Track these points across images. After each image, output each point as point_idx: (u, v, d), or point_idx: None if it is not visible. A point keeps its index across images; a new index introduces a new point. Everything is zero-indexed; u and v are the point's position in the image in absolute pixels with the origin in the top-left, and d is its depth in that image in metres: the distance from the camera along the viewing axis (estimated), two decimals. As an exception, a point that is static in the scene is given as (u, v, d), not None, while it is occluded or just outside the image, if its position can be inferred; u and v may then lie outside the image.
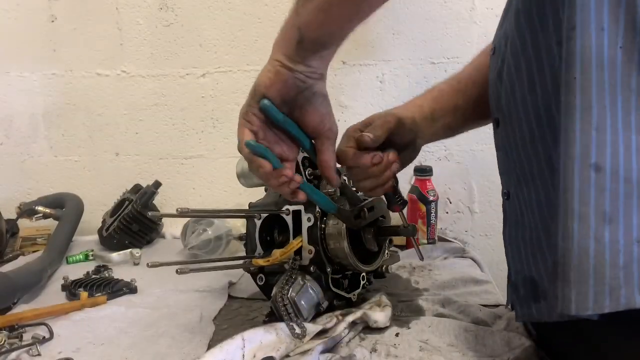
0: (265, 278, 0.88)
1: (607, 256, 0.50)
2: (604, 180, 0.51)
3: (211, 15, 1.40)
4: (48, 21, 1.44)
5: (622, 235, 0.50)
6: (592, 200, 0.51)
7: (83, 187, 1.48)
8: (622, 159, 0.51)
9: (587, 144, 0.51)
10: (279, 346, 0.72)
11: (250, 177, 0.91)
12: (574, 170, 0.52)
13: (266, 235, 0.90)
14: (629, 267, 0.50)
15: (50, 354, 0.77)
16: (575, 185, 0.52)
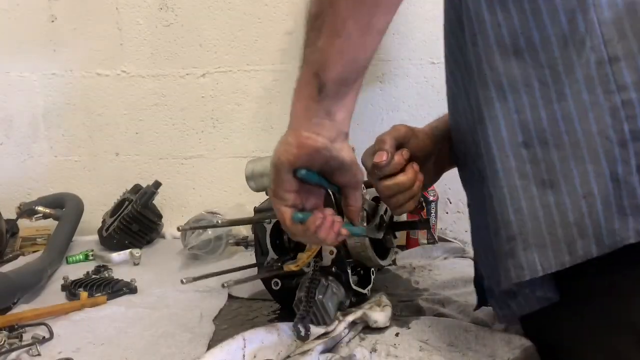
0: (281, 282, 0.86)
1: (557, 217, 0.55)
2: (535, 154, 0.56)
3: (211, 15, 1.40)
4: (48, 21, 1.44)
5: (566, 196, 0.55)
6: (530, 173, 0.56)
7: (83, 187, 1.48)
8: (547, 128, 0.56)
9: (512, 127, 0.57)
10: (280, 347, 0.72)
11: (260, 179, 0.90)
12: (507, 152, 0.57)
13: (275, 239, 0.88)
14: (581, 222, 0.54)
15: (50, 354, 0.77)
16: (512, 164, 0.57)
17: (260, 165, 0.91)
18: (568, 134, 0.55)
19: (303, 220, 0.60)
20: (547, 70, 0.56)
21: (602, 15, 0.54)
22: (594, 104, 0.54)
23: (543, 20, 0.55)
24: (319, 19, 0.53)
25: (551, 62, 0.55)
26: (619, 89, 0.53)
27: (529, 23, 0.56)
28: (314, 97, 0.56)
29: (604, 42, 0.54)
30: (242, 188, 1.46)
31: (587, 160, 0.54)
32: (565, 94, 0.55)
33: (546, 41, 0.55)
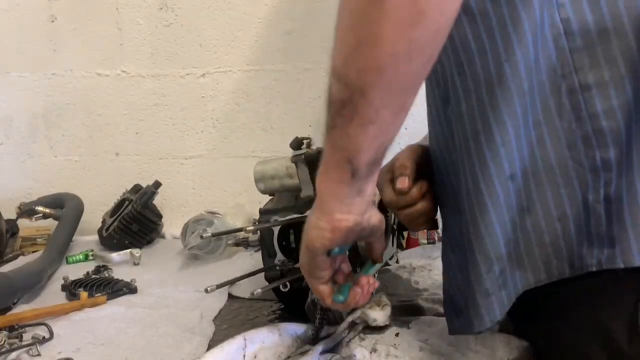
0: (290, 284, 0.84)
1: (534, 239, 0.57)
2: (518, 184, 0.57)
3: (211, 15, 1.40)
4: (48, 21, 1.44)
5: (542, 218, 0.57)
6: (515, 204, 0.58)
7: (83, 187, 1.48)
8: (527, 155, 0.56)
9: (499, 161, 0.57)
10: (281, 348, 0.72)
11: (270, 182, 0.90)
12: (496, 189, 0.57)
13: (282, 241, 0.87)
14: (556, 243, 0.57)
15: (50, 354, 0.77)
16: (501, 199, 0.57)
17: (270, 167, 0.91)
18: (543, 159, 0.56)
19: (344, 301, 0.62)
20: (528, 98, 0.55)
21: (573, 43, 0.54)
22: (567, 131, 0.55)
23: (527, 46, 0.54)
24: (347, 106, 0.49)
25: (530, 89, 0.55)
26: (590, 117, 0.54)
27: (514, 48, 0.54)
28: (346, 181, 0.54)
29: (575, 70, 0.54)
30: (242, 188, 1.47)
31: (561, 185, 0.56)
32: (540, 121, 0.56)
33: (529, 68, 0.55)
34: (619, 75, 0.53)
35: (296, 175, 0.86)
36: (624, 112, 0.53)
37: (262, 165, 0.92)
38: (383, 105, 0.49)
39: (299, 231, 0.86)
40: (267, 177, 0.90)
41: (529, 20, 0.53)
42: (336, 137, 0.52)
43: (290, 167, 0.88)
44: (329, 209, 0.56)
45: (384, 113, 0.49)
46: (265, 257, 0.88)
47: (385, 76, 0.47)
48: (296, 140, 0.86)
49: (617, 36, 0.53)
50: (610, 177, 0.54)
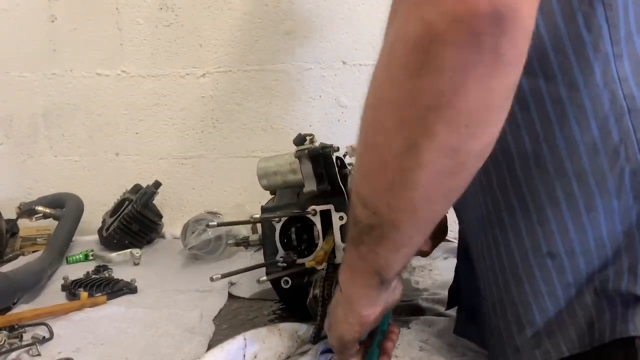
0: (292, 280, 0.84)
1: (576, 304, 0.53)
2: (560, 262, 0.53)
3: (211, 15, 1.40)
4: (48, 21, 1.44)
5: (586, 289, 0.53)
6: (555, 279, 0.54)
7: (83, 187, 1.48)
8: (575, 239, 0.52)
9: (535, 237, 0.54)
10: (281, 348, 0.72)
11: (273, 178, 0.90)
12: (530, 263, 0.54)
13: (284, 237, 0.87)
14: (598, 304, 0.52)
15: (50, 354, 0.77)
16: (536, 273, 0.54)
17: (273, 163, 0.91)
18: (595, 240, 0.52)
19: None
20: (574, 182, 0.51)
21: (637, 121, 0.49)
22: (623, 209, 0.51)
23: (570, 126, 0.50)
24: (377, 231, 0.48)
25: (578, 173, 0.51)
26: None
27: (553, 127, 0.50)
28: (374, 287, 0.54)
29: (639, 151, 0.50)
30: (242, 188, 1.47)
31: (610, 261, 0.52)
32: (596, 206, 0.51)
33: (573, 150, 0.50)
34: None
35: (299, 171, 0.87)
36: None
37: (265, 161, 0.92)
38: (416, 234, 0.48)
39: (301, 228, 0.87)
40: (270, 173, 0.90)
41: (574, 100, 0.49)
42: (363, 252, 0.51)
43: (293, 162, 0.88)
44: (357, 307, 0.56)
45: (417, 238, 0.49)
46: (268, 254, 0.88)
47: (419, 215, 0.46)
48: (299, 137, 0.86)
49: None
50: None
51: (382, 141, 0.42)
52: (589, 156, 0.50)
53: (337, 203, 0.83)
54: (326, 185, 0.84)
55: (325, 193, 0.84)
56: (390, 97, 0.40)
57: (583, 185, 0.51)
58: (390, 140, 0.41)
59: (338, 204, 0.83)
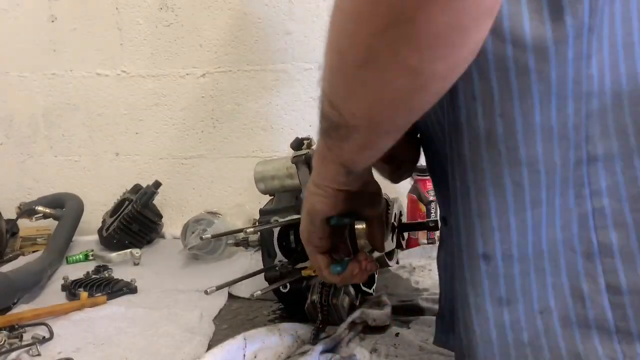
0: (290, 285, 0.84)
1: (510, 338, 0.48)
2: (495, 268, 0.47)
3: (211, 15, 1.40)
4: (48, 21, 1.44)
5: (522, 313, 0.47)
6: (486, 290, 0.48)
7: (83, 187, 1.48)
8: (514, 239, 0.46)
9: (472, 233, 0.48)
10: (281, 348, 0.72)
11: (270, 181, 0.90)
12: (463, 260, 0.49)
13: (282, 241, 0.87)
14: (535, 342, 0.47)
15: (50, 354, 0.77)
16: (466, 276, 0.49)
17: (270, 167, 0.91)
18: (534, 244, 0.47)
19: (341, 272, 0.62)
20: (525, 170, 0.45)
21: (590, 105, 0.45)
22: (564, 210, 0.46)
23: (532, 103, 0.44)
24: (342, 130, 0.46)
25: (531, 159, 0.45)
26: (592, 194, 0.46)
27: (513, 102, 0.44)
28: (342, 174, 0.53)
29: (586, 139, 0.45)
30: (242, 188, 1.47)
31: (547, 273, 0.47)
32: (540, 200, 0.46)
33: (529, 132, 0.44)
34: (628, 148, 0.45)
35: (296, 176, 0.86)
36: (629, 190, 0.45)
37: (263, 165, 0.92)
38: (380, 140, 0.47)
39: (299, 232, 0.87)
40: (268, 177, 0.90)
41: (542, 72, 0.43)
42: (330, 145, 0.50)
43: (290, 167, 0.88)
44: (326, 183, 0.55)
45: (381, 143, 0.48)
46: (265, 257, 0.88)
47: (380, 126, 0.45)
48: (296, 141, 0.86)
49: (631, 102, 0.45)
50: (613, 263, 0.45)
51: (346, 47, 0.40)
52: (543, 140, 0.45)
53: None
54: None
55: None
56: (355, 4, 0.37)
57: (533, 173, 0.45)
58: (353, 48, 0.39)
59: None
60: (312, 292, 0.79)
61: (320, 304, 0.77)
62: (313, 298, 0.78)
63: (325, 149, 0.51)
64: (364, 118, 0.44)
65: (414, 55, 0.36)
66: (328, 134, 0.49)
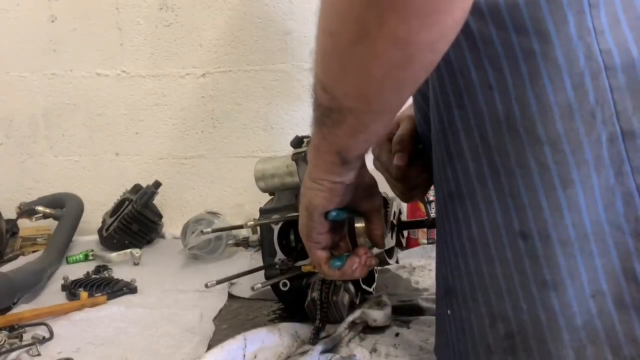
0: (290, 283, 0.84)
1: (562, 322, 0.47)
2: (534, 248, 0.48)
3: (211, 15, 1.40)
4: (48, 21, 1.44)
5: (573, 297, 0.47)
6: (528, 270, 0.48)
7: (83, 187, 1.48)
8: (549, 219, 0.47)
9: (507, 211, 0.48)
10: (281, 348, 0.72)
11: (271, 180, 0.90)
12: (502, 241, 0.49)
13: (282, 239, 0.87)
14: (589, 325, 0.47)
15: (50, 354, 0.77)
16: (509, 255, 0.49)
17: (270, 165, 0.91)
18: (575, 227, 0.46)
19: (340, 267, 0.61)
20: (547, 149, 0.46)
21: (614, 80, 0.44)
22: (604, 189, 0.45)
23: (543, 84, 0.45)
24: (335, 114, 0.47)
25: (552, 138, 0.46)
26: (633, 170, 0.45)
27: (525, 86, 0.46)
28: (337, 164, 0.53)
29: (616, 114, 0.45)
30: (242, 188, 1.47)
31: (595, 254, 0.46)
32: (572, 180, 0.46)
33: (545, 112, 0.46)
34: None
35: (296, 174, 0.87)
36: None
37: (263, 163, 0.92)
38: (373, 122, 0.47)
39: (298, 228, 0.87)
40: (268, 175, 0.90)
41: (547, 54, 0.44)
42: (325, 133, 0.50)
43: (290, 165, 0.88)
44: (323, 177, 0.55)
45: (374, 126, 0.48)
46: (266, 256, 0.88)
47: (374, 105, 0.45)
48: (296, 139, 0.86)
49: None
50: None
51: (337, 28, 0.41)
52: (563, 119, 0.45)
53: None
54: None
55: None
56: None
57: (557, 153, 0.46)
58: (344, 27, 0.40)
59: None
60: (312, 290, 0.79)
61: (320, 301, 0.77)
62: (313, 295, 0.78)
63: (320, 139, 0.51)
64: (356, 97, 0.44)
65: (401, 25, 0.37)
66: (322, 121, 0.49)
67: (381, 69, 0.41)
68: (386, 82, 0.42)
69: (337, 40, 0.42)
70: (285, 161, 0.89)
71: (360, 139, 0.49)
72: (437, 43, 0.40)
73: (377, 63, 0.40)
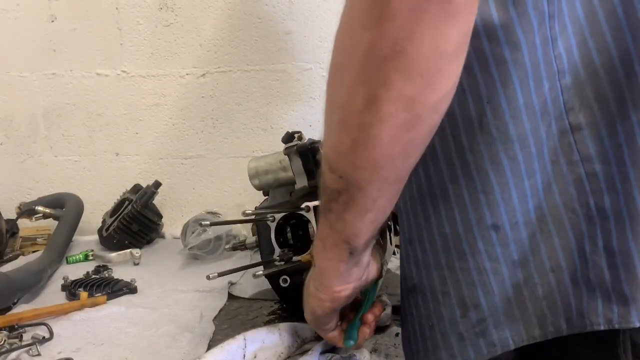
0: (290, 279, 0.84)
1: (526, 293, 0.53)
2: (505, 236, 0.52)
3: (211, 15, 1.40)
4: (48, 21, 1.44)
5: (534, 270, 0.52)
6: (500, 255, 0.53)
7: (83, 187, 1.48)
8: (517, 207, 0.52)
9: (479, 209, 0.52)
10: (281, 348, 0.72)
11: (264, 177, 0.91)
12: (474, 235, 0.53)
13: (279, 236, 0.88)
14: (550, 296, 0.52)
15: (50, 354, 0.77)
16: (480, 247, 0.53)
17: (263, 162, 0.91)
18: (535, 209, 0.52)
19: (354, 344, 0.66)
20: (517, 146, 0.50)
21: (563, 81, 0.50)
22: (558, 176, 0.51)
23: (513, 88, 0.49)
24: (343, 196, 0.49)
25: (521, 136, 0.50)
26: (582, 159, 0.50)
27: (497, 89, 0.49)
28: (344, 259, 0.55)
29: (565, 111, 0.50)
30: (242, 188, 1.47)
31: (554, 234, 0.52)
32: (534, 170, 0.51)
33: (515, 112, 0.50)
34: (609, 115, 0.49)
35: (290, 168, 0.87)
36: (616, 155, 0.49)
37: (256, 161, 0.92)
38: (380, 195, 0.48)
39: (296, 226, 0.87)
40: (262, 172, 0.90)
41: (517, 60, 0.49)
42: (332, 221, 0.52)
43: (283, 160, 0.88)
44: (328, 283, 0.58)
45: (381, 201, 0.49)
46: (264, 254, 0.88)
47: (382, 174, 0.46)
48: (287, 135, 0.87)
49: (607, 72, 0.49)
50: (608, 226, 0.50)
51: (344, 98, 0.43)
52: (529, 118, 0.50)
53: None
54: (317, 181, 0.84)
55: (317, 188, 0.84)
56: (350, 51, 0.42)
57: (524, 148, 0.50)
58: (351, 95, 0.42)
59: None
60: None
61: None
62: None
63: (327, 231, 0.53)
64: (365, 167, 0.46)
65: (407, 85, 0.40)
66: (329, 208, 0.51)
67: (389, 132, 0.43)
68: (395, 146, 0.44)
69: (346, 110, 0.44)
70: (277, 157, 0.90)
71: (368, 219, 0.51)
72: (440, 102, 0.43)
73: (386, 126, 0.42)
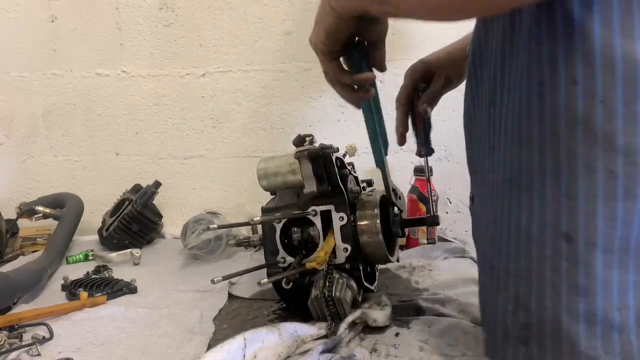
0: (293, 281, 0.84)
1: (582, 328, 0.48)
2: (576, 253, 0.48)
3: (211, 15, 1.40)
4: (48, 21, 1.44)
5: (599, 307, 0.48)
6: (564, 272, 0.48)
7: (83, 187, 1.48)
8: (600, 227, 0.46)
9: (557, 214, 0.48)
10: (281, 347, 0.72)
11: (273, 178, 0.91)
12: (545, 236, 0.49)
13: (284, 238, 0.88)
14: (608, 336, 0.47)
15: (50, 354, 0.77)
16: (547, 253, 0.49)
17: (273, 164, 0.91)
18: (622, 239, 0.46)
19: None
20: (621, 159, 0.45)
21: None
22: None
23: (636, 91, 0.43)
24: None
25: (629, 148, 0.44)
26: None
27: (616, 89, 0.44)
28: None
29: None
30: (242, 188, 1.47)
31: (630, 270, 0.47)
32: (636, 194, 0.45)
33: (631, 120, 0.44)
34: None
35: (299, 172, 0.87)
36: None
37: (265, 162, 0.92)
38: None
39: (301, 228, 0.87)
40: (270, 174, 0.91)
41: None
42: None
43: (293, 163, 0.88)
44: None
45: None
46: (268, 254, 0.88)
47: None
48: (299, 137, 0.87)
49: None
50: None
51: None
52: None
53: (337, 203, 0.84)
54: (326, 186, 0.84)
55: (325, 193, 0.85)
56: None
57: (630, 165, 0.44)
58: None
59: (338, 204, 0.84)
60: (315, 287, 0.79)
61: (324, 298, 0.78)
62: (316, 293, 0.78)
63: None
64: None
65: None
66: None
67: None
68: None
69: None
70: (287, 160, 0.90)
71: None
72: None
73: None
